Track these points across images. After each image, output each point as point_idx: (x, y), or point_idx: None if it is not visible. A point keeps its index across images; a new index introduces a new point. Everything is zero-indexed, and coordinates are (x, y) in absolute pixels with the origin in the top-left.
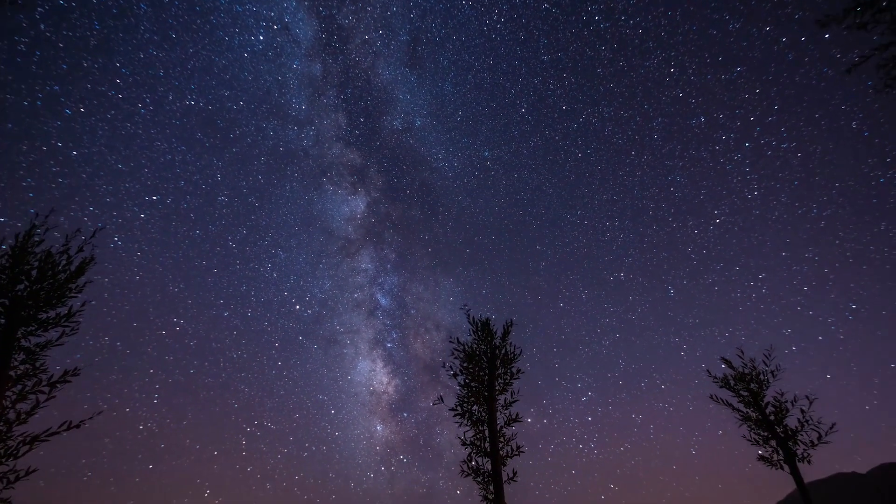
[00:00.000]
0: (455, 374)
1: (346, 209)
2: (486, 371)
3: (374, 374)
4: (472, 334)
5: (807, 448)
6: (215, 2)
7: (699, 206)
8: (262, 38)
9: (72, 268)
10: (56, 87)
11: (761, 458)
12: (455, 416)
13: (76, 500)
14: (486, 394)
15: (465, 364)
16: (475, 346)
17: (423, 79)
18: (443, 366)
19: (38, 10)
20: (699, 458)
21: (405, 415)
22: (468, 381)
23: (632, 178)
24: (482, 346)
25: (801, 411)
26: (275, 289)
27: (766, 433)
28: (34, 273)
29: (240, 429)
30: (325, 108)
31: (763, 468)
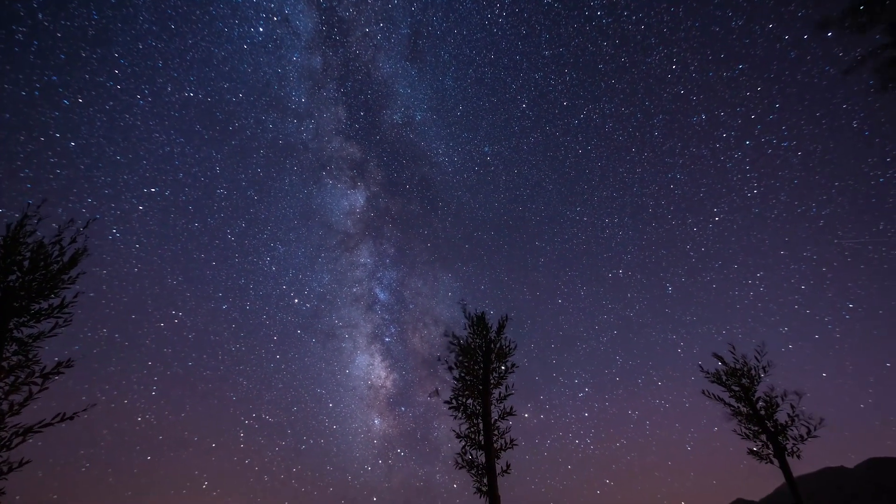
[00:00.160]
0: (450, 368)
1: (346, 203)
2: (480, 365)
3: (372, 369)
4: (468, 328)
5: (796, 443)
6: None
7: (699, 203)
8: (261, 29)
9: (65, 258)
10: (54, 78)
11: (752, 452)
12: (450, 408)
13: (74, 491)
14: (481, 387)
15: (461, 358)
16: (471, 339)
17: (424, 73)
18: (438, 359)
19: None
20: (694, 455)
21: (403, 409)
22: (463, 374)
23: (632, 175)
24: (477, 340)
25: (791, 406)
26: (273, 282)
27: (756, 428)
28: (26, 263)
29: (238, 421)
30: (324, 101)
31: (755, 464)
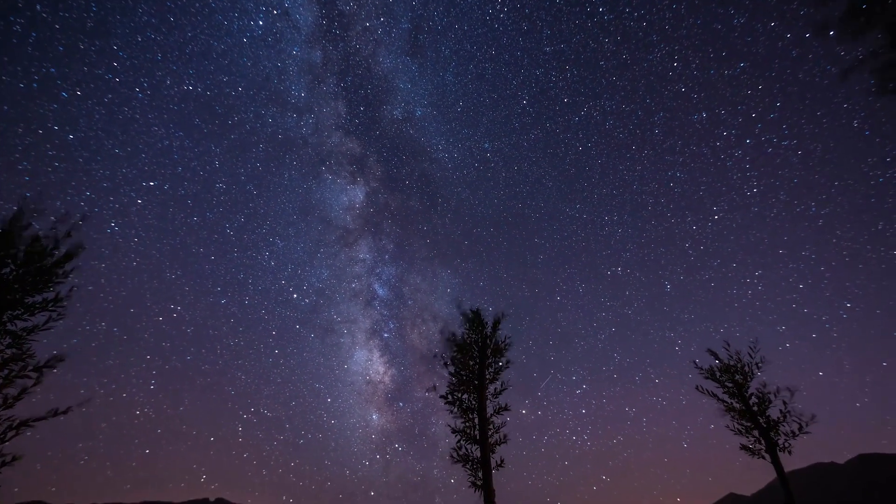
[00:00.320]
0: (446, 364)
1: (345, 198)
2: (476, 361)
3: (370, 364)
4: (464, 325)
5: (788, 438)
6: None
7: (698, 202)
8: (261, 22)
9: (60, 252)
10: (52, 70)
11: (744, 447)
12: (446, 403)
13: (73, 483)
14: (476, 383)
15: (457, 354)
16: (467, 336)
17: (425, 68)
18: (434, 355)
19: None
20: (690, 452)
21: (401, 404)
22: (459, 370)
23: (632, 173)
24: (473, 336)
25: (784, 403)
26: (272, 277)
27: (749, 424)
28: (21, 256)
29: (236, 416)
30: (324, 95)
31: (749, 460)
